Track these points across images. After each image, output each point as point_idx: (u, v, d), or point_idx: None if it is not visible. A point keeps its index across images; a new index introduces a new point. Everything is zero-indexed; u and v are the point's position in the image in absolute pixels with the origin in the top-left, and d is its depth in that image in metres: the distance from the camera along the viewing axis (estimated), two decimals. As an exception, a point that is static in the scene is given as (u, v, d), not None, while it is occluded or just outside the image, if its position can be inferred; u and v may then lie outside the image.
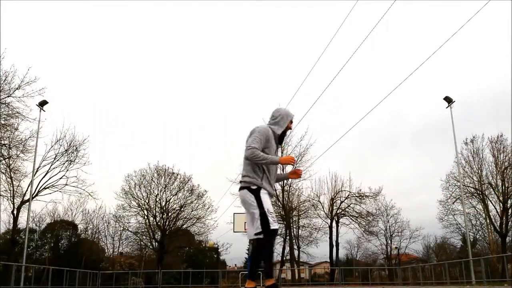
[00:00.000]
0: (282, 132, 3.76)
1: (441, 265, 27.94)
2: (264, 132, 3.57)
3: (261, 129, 3.59)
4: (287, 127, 3.81)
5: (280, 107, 3.92)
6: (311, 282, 32.49)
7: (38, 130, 22.17)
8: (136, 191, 32.43)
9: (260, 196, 3.46)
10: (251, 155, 3.43)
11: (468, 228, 27.28)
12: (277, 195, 31.29)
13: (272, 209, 3.48)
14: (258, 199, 3.45)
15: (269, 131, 3.62)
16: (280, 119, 3.76)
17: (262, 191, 3.50)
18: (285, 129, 3.79)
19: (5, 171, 23.39)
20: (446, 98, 24.36)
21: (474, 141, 28.64)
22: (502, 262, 24.61)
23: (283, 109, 3.88)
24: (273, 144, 3.64)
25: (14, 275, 19.71)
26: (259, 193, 3.47)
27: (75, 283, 25.03)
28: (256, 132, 3.56)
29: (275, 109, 3.87)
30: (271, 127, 3.70)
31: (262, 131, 3.57)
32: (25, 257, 22.56)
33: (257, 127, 3.64)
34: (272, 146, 3.63)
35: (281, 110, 3.85)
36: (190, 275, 30.11)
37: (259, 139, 3.50)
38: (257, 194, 3.47)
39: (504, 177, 27.53)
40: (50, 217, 33.84)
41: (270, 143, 3.61)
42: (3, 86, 19.48)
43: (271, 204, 3.52)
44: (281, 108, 3.91)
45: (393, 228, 35.97)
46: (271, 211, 3.45)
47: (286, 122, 3.77)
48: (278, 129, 3.73)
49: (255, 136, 3.52)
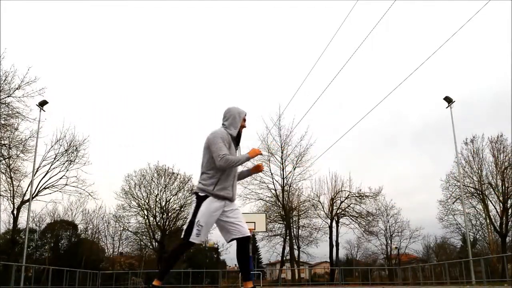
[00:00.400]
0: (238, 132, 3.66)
1: (441, 265, 27.94)
2: (223, 136, 3.50)
3: (221, 134, 3.51)
4: (241, 126, 3.70)
5: (230, 107, 3.77)
6: (311, 282, 32.49)
7: (38, 130, 22.20)
8: (136, 191, 32.46)
9: (201, 205, 3.42)
10: (226, 164, 3.37)
11: (468, 228, 27.28)
12: (277, 195, 31.30)
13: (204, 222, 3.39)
14: (197, 207, 3.42)
15: (226, 134, 3.55)
16: (232, 119, 3.65)
17: (210, 199, 3.43)
18: (240, 129, 3.69)
19: (5, 171, 23.40)
20: (446, 98, 24.37)
21: (474, 141, 28.69)
22: (502, 262, 24.61)
23: (233, 108, 3.73)
24: (232, 147, 3.57)
25: (14, 275, 19.69)
26: (201, 202, 3.43)
27: (75, 283, 25.02)
28: (217, 139, 3.47)
29: (226, 109, 3.74)
30: (226, 129, 3.61)
31: (223, 136, 3.50)
32: (25, 257, 22.56)
33: (214, 133, 3.54)
34: (232, 149, 3.56)
35: (232, 109, 3.71)
36: (190, 275, 30.10)
37: (223, 144, 3.44)
38: (200, 202, 3.44)
39: (504, 177, 27.54)
40: (50, 217, 33.85)
41: (230, 146, 3.54)
42: (3, 86, 19.49)
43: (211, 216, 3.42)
44: (232, 107, 3.75)
45: (393, 228, 35.99)
46: (201, 224, 3.37)
47: (239, 122, 3.66)
48: (233, 130, 3.63)
49: (218, 143, 3.43)
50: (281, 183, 31.06)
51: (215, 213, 3.45)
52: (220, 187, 3.48)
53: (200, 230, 3.37)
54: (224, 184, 3.50)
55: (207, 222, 3.41)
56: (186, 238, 3.36)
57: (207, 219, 3.41)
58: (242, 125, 3.70)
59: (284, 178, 31.04)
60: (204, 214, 3.39)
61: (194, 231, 3.36)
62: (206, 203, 3.43)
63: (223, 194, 3.48)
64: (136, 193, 32.41)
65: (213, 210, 3.44)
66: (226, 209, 3.53)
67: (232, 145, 3.56)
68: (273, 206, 31.97)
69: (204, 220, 3.39)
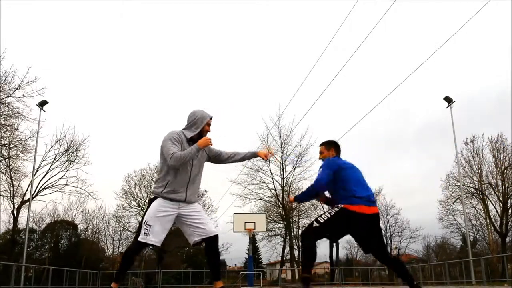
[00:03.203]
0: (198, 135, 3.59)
1: (441, 265, 27.93)
2: (175, 137, 3.50)
3: (170, 136, 3.51)
4: (203, 130, 3.62)
5: (196, 110, 3.71)
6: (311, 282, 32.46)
7: (38, 130, 22.20)
8: (136, 191, 32.46)
9: (151, 205, 3.47)
10: (177, 161, 3.35)
11: (468, 228, 27.30)
12: (277, 195, 31.31)
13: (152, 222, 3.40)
14: (147, 209, 3.50)
15: (179, 135, 3.54)
16: (193, 123, 3.62)
17: (158, 200, 3.46)
18: (200, 132, 3.60)
19: (5, 171, 23.40)
20: (446, 98, 24.37)
21: (474, 141, 28.68)
22: (502, 262, 24.63)
23: (198, 111, 3.68)
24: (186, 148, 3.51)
25: (14, 275, 19.69)
26: (151, 202, 3.49)
27: (75, 283, 25.02)
28: (166, 142, 3.47)
29: (191, 112, 3.70)
30: (183, 131, 3.61)
31: (173, 137, 3.49)
32: (25, 257, 22.57)
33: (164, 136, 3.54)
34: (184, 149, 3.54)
35: (196, 113, 3.66)
36: (190, 275, 30.09)
37: (174, 144, 3.44)
38: (150, 202, 3.51)
39: (504, 177, 27.54)
40: (50, 217, 33.87)
41: (183, 147, 3.50)
42: (3, 86, 19.48)
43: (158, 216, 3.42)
44: (197, 110, 3.69)
45: (393, 228, 36.04)
46: (149, 224, 3.39)
47: (200, 125, 3.60)
48: (190, 132, 3.59)
49: (168, 144, 3.43)
50: (281, 183, 31.09)
51: (162, 213, 3.43)
52: (170, 190, 3.46)
53: (147, 230, 3.38)
54: (175, 187, 3.47)
55: (155, 222, 3.40)
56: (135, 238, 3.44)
57: (154, 218, 3.40)
58: (205, 129, 3.64)
59: (284, 178, 31.06)
60: (150, 214, 3.41)
61: (142, 231, 3.39)
62: (154, 203, 3.46)
63: (173, 196, 3.47)
64: (136, 193, 32.44)
65: (160, 210, 3.43)
66: (184, 212, 3.51)
67: (185, 146, 3.51)
68: (273, 206, 31.97)
69: (151, 220, 3.40)
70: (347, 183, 3.80)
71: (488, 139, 28.28)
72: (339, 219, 3.68)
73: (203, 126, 3.62)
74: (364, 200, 3.71)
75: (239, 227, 22.59)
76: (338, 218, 3.68)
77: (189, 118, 3.67)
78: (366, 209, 3.68)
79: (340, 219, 3.68)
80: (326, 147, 4.17)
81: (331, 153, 4.12)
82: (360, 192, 3.76)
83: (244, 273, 27.59)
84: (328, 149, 4.15)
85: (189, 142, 3.55)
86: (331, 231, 3.76)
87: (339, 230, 3.80)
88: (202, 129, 3.62)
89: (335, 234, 3.89)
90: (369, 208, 3.71)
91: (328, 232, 3.77)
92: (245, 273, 26.95)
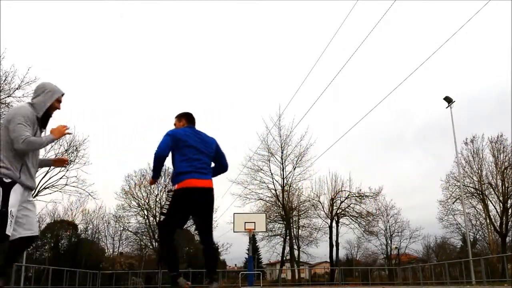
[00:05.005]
0: (45, 113, 3.15)
1: (441, 265, 27.94)
2: (28, 115, 3.01)
3: (24, 112, 3.02)
4: (52, 107, 3.18)
5: (45, 82, 3.24)
6: (311, 282, 32.49)
7: (38, 130, 22.18)
8: (136, 191, 32.46)
9: (10, 192, 2.91)
10: (28, 146, 2.93)
11: (468, 228, 27.30)
12: (277, 195, 31.30)
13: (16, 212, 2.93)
14: (5, 196, 2.89)
15: (29, 113, 3.04)
16: (42, 97, 3.13)
17: (17, 187, 2.96)
18: (48, 109, 3.16)
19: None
20: (446, 98, 24.36)
21: (474, 141, 28.71)
22: (502, 262, 24.62)
23: (48, 84, 3.21)
24: (37, 129, 3.09)
25: (14, 275, 19.69)
26: (9, 189, 2.92)
27: (75, 283, 25.02)
28: (19, 117, 2.97)
29: (39, 84, 3.23)
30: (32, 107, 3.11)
31: (26, 115, 3.01)
32: (25, 257, 22.56)
33: (16, 109, 3.10)
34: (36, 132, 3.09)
35: (45, 85, 3.20)
36: (190, 275, 30.06)
37: (27, 126, 2.97)
38: (8, 189, 2.91)
39: (504, 177, 27.55)
40: (50, 217, 33.86)
41: (34, 127, 3.05)
42: (3, 86, 19.47)
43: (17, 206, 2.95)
44: (47, 83, 3.22)
45: (393, 228, 36.02)
46: (13, 214, 2.90)
47: (49, 101, 3.15)
48: (39, 110, 3.11)
49: (20, 123, 2.94)
50: (281, 183, 31.09)
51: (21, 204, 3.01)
52: (25, 176, 3.04)
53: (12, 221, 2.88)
54: (28, 172, 3.06)
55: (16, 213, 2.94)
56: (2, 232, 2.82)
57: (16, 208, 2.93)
58: (54, 106, 3.20)
59: (284, 178, 31.05)
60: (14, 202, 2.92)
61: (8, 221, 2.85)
62: (15, 189, 2.95)
63: (28, 183, 3.06)
64: (136, 193, 32.44)
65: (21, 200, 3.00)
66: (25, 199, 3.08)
67: (36, 126, 3.08)
68: (273, 206, 31.97)
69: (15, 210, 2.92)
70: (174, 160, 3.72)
71: (488, 139, 28.34)
72: None
73: (52, 102, 3.17)
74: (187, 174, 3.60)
75: (239, 227, 22.61)
76: None
77: (37, 90, 3.19)
78: None
79: None
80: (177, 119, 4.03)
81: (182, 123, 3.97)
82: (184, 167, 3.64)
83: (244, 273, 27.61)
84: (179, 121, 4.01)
85: (38, 122, 3.12)
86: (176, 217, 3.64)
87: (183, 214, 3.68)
88: (51, 105, 3.18)
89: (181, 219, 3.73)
90: None
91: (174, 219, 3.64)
92: (245, 273, 26.97)
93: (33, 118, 3.06)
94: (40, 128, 3.16)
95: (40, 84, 3.25)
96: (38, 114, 3.12)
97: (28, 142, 2.92)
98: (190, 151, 3.67)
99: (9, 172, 2.95)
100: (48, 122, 3.25)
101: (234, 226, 22.78)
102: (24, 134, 2.92)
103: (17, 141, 2.92)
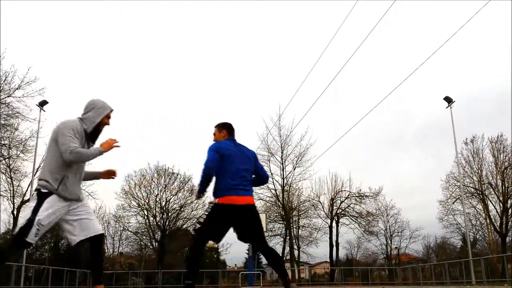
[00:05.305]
0: (95, 128, 3.27)
1: (441, 265, 27.93)
2: (77, 128, 3.13)
3: (72, 125, 3.13)
4: (101, 123, 3.30)
5: (95, 99, 3.34)
6: (311, 282, 32.49)
7: (38, 130, 22.21)
8: (136, 191, 32.45)
9: (43, 203, 3.03)
10: (76, 157, 3.03)
11: (468, 228, 27.29)
12: (277, 195, 31.30)
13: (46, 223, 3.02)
14: (38, 205, 3.02)
15: (78, 127, 3.17)
16: (92, 113, 3.26)
17: (52, 198, 3.07)
18: (98, 125, 3.28)
19: (5, 171, 23.39)
20: (446, 98, 24.36)
21: (474, 141, 28.68)
22: (502, 262, 24.62)
23: (98, 101, 3.33)
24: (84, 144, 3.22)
25: (14, 275, 19.70)
26: (43, 200, 3.04)
27: (75, 283, 25.02)
28: (67, 129, 3.09)
29: (89, 100, 3.33)
30: (81, 122, 3.23)
31: (74, 127, 3.12)
32: (25, 257, 22.57)
33: (64, 123, 3.16)
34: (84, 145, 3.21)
35: (96, 102, 3.31)
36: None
37: (75, 138, 3.08)
38: (42, 199, 3.04)
39: (504, 177, 27.53)
40: (50, 217, 33.85)
41: (82, 141, 3.18)
42: (3, 86, 19.49)
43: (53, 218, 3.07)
44: (97, 100, 3.34)
45: (393, 228, 35.99)
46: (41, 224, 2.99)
47: (99, 117, 3.27)
48: (89, 125, 3.24)
49: (68, 135, 3.05)
50: (281, 183, 31.08)
51: (56, 214, 3.11)
52: (65, 188, 3.13)
53: (39, 230, 3.00)
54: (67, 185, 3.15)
55: (48, 223, 3.06)
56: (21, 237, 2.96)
57: (49, 219, 3.05)
58: (104, 122, 3.32)
59: (284, 178, 31.04)
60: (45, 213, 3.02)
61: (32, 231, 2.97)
62: (49, 200, 3.07)
63: (67, 195, 3.15)
64: (136, 193, 32.43)
65: (56, 211, 3.09)
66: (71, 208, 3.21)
67: (84, 140, 3.20)
68: (273, 206, 31.96)
69: (46, 221, 3.03)
70: None
71: (488, 139, 28.31)
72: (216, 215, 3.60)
73: (102, 118, 3.29)
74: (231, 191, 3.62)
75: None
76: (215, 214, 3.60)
77: (87, 106, 3.31)
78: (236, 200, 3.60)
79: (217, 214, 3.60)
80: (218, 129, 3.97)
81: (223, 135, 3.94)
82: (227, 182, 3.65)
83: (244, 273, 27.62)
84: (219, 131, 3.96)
85: (86, 136, 3.24)
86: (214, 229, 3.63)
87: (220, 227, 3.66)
88: (101, 121, 3.29)
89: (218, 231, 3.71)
90: None
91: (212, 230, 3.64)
92: (245, 273, 26.97)
93: (82, 132, 3.18)
94: (88, 143, 3.27)
95: (91, 100, 3.35)
96: (88, 129, 3.24)
97: (75, 153, 3.02)
98: (233, 166, 3.68)
99: (47, 184, 3.08)
100: (97, 138, 3.36)
101: (234, 226, 22.74)
102: (72, 146, 3.03)
103: (65, 152, 3.01)
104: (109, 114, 3.35)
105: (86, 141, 3.25)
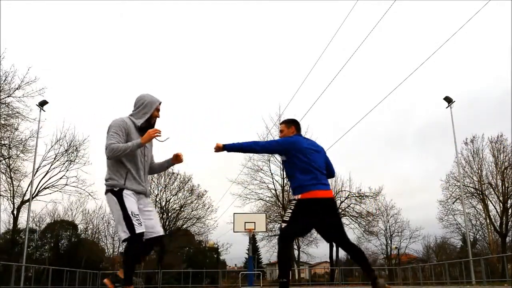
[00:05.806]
0: (147, 121, 3.37)
1: (441, 265, 27.94)
2: (120, 124, 3.24)
3: (116, 123, 3.25)
4: (152, 116, 3.41)
5: (143, 94, 3.45)
6: (311, 282, 32.48)
7: (38, 130, 22.19)
8: (136, 191, 32.44)
9: (122, 198, 3.17)
10: (111, 153, 3.12)
11: (468, 228, 27.28)
12: (277, 195, 31.31)
13: (137, 211, 3.17)
14: (121, 201, 3.16)
15: (126, 123, 3.27)
16: (142, 108, 3.38)
17: (126, 192, 3.19)
18: (149, 119, 3.39)
19: (5, 171, 23.40)
20: (446, 98, 24.35)
21: (474, 141, 28.66)
22: (502, 262, 24.62)
23: (147, 95, 3.43)
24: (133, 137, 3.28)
25: (14, 275, 19.69)
26: (121, 195, 3.17)
27: (75, 283, 25.02)
28: (110, 129, 3.22)
29: (138, 96, 3.45)
30: (130, 118, 3.36)
31: (117, 125, 3.23)
32: (25, 257, 22.56)
33: (112, 121, 3.28)
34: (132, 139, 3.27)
35: (145, 97, 3.42)
36: (190, 275, 30.09)
37: (116, 134, 3.18)
38: (120, 196, 3.17)
39: (504, 177, 27.52)
40: (50, 217, 33.87)
41: (130, 136, 3.26)
42: (3, 86, 19.50)
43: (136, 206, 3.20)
44: (145, 94, 3.44)
45: (393, 228, 36.01)
46: (136, 214, 3.14)
47: (149, 111, 3.38)
48: (139, 119, 3.36)
49: (110, 133, 3.19)
50: (281, 183, 31.07)
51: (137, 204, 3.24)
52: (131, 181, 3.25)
53: (138, 219, 3.13)
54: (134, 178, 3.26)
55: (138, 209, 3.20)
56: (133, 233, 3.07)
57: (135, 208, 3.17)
58: (155, 114, 3.43)
59: (284, 178, 31.03)
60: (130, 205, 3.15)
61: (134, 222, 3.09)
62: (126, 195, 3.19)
63: (135, 188, 3.26)
64: (136, 193, 32.42)
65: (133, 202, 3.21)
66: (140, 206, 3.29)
67: (133, 134, 3.28)
68: (273, 206, 31.96)
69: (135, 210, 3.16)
70: None
71: (488, 139, 28.29)
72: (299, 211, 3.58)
73: (152, 112, 3.40)
74: None
75: (239, 227, 22.60)
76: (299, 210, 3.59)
77: (136, 103, 3.43)
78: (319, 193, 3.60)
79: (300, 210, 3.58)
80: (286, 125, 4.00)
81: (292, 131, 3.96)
82: None
83: (244, 273, 27.62)
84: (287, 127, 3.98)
85: (138, 131, 3.33)
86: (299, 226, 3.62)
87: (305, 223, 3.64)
88: (151, 115, 3.40)
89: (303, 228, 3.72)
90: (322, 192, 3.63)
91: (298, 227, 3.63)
92: (245, 273, 26.97)
93: (129, 127, 3.27)
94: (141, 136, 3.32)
95: (139, 96, 3.45)
96: (138, 124, 3.34)
97: (110, 149, 3.12)
98: (311, 161, 3.69)
99: (113, 181, 3.21)
100: None
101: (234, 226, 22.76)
102: (108, 143, 3.14)
103: (105, 150, 3.16)
104: (158, 107, 3.44)
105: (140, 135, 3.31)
